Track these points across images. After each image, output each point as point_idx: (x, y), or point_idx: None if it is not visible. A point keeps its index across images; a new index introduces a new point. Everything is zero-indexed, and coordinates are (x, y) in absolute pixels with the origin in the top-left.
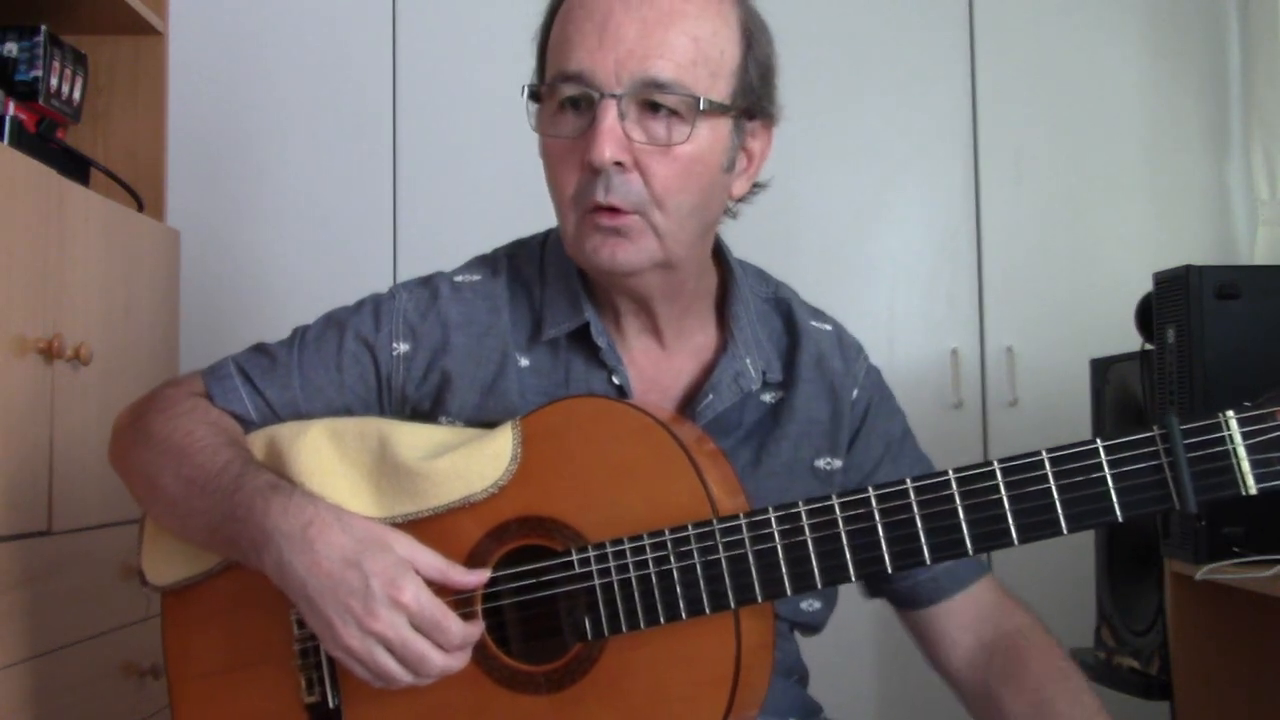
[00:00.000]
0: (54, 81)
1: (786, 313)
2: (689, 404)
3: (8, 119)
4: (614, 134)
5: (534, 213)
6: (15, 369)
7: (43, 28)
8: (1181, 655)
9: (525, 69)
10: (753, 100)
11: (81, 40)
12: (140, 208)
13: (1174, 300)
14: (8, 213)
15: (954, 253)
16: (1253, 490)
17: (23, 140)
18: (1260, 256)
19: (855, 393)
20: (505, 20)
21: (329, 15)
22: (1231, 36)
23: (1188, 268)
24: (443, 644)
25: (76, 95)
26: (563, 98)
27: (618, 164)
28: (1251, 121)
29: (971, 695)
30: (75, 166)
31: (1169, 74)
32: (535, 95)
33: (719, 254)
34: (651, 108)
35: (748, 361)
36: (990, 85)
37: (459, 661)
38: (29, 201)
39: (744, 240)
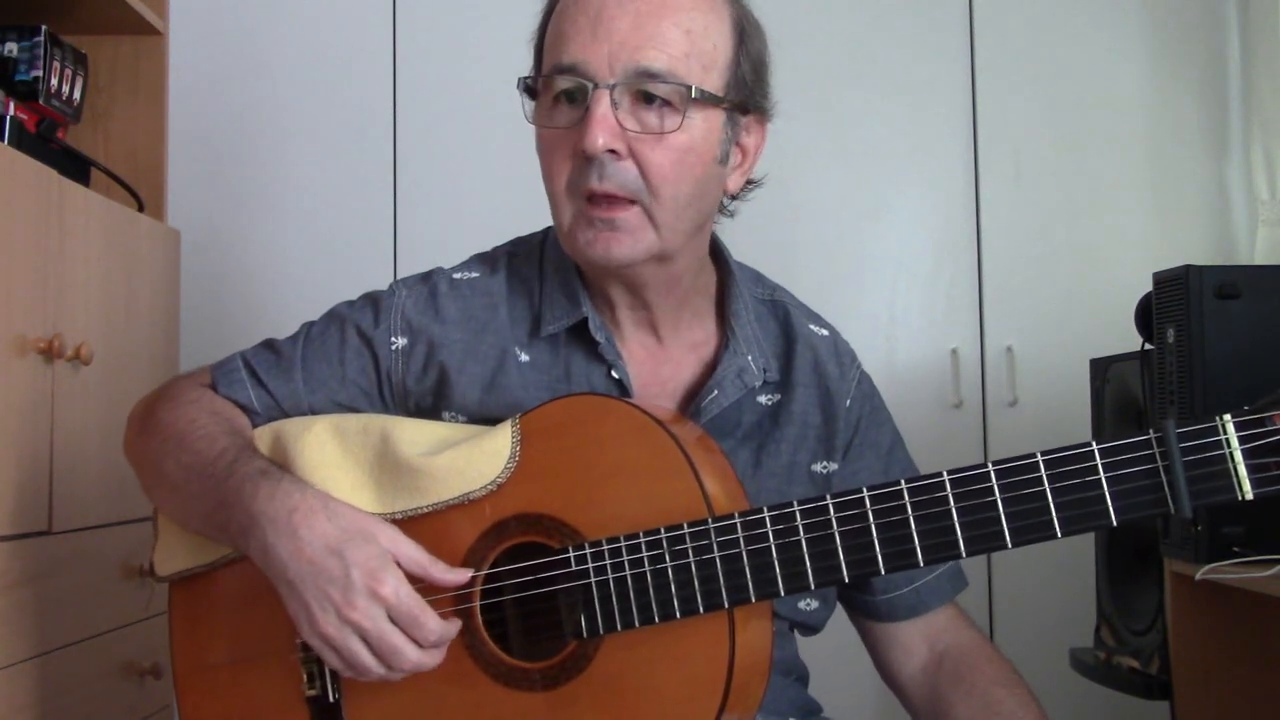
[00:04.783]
0: (54, 81)
1: (783, 316)
2: (691, 400)
3: (8, 119)
4: (606, 122)
5: (534, 212)
6: (15, 369)
7: (43, 28)
8: (1181, 655)
9: (525, 70)
10: (746, 95)
11: (81, 40)
12: (140, 208)
13: (1174, 300)
14: (8, 213)
15: (954, 253)
16: (1249, 495)
17: (23, 140)
18: (1260, 256)
19: (849, 401)
20: (505, 21)
21: (329, 15)
22: (1231, 36)
23: (1188, 268)
24: (418, 639)
25: (76, 95)
26: (557, 90)
27: (612, 152)
28: (1251, 121)
29: (920, 700)
30: (75, 166)
31: (1169, 74)
32: (530, 90)
33: (718, 254)
34: (645, 98)
35: (749, 359)
36: (990, 85)
37: (432, 658)
38: (29, 201)
39: (744, 240)
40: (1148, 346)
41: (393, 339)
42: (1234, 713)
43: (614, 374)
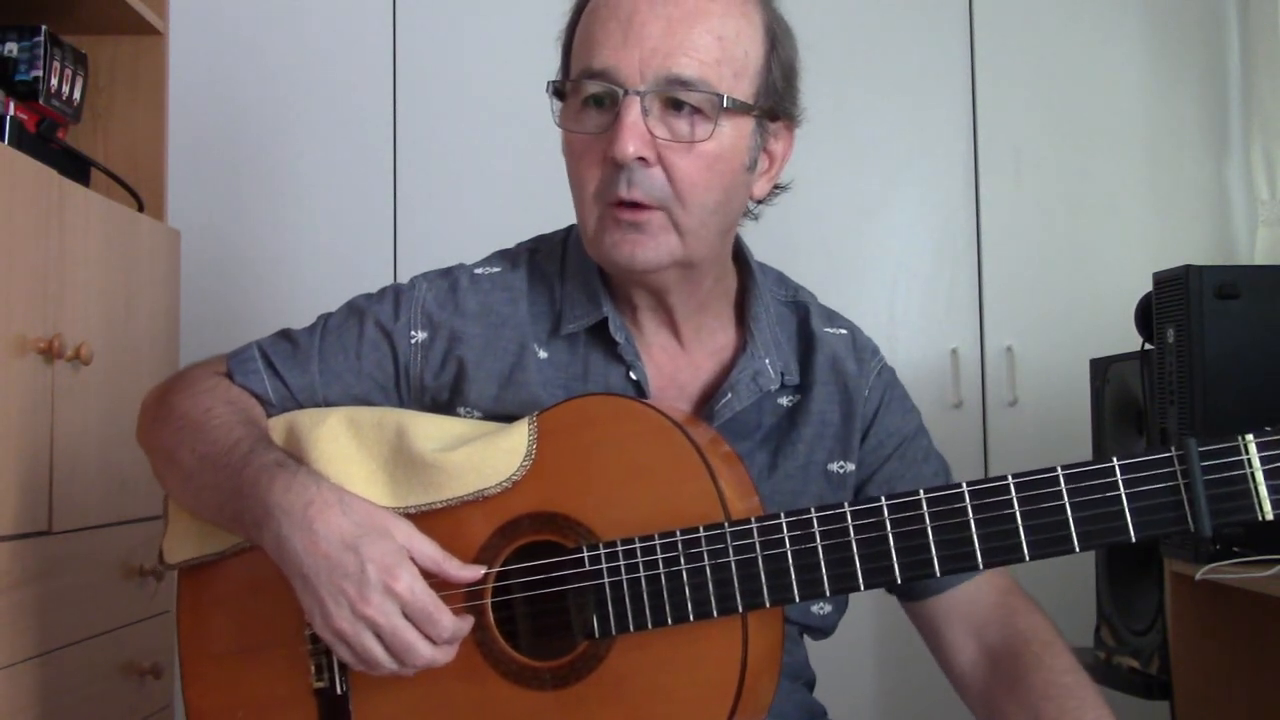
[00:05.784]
0: (54, 81)
1: (803, 317)
2: (706, 403)
3: (8, 119)
4: (637, 129)
5: (534, 212)
6: (15, 369)
7: (43, 28)
8: (1181, 655)
9: (525, 70)
10: (775, 101)
11: (81, 40)
12: (140, 208)
13: (1174, 300)
14: (8, 213)
15: (954, 253)
16: (1269, 516)
17: (23, 140)
18: (1260, 256)
19: (867, 391)
20: (505, 21)
21: (329, 15)
22: (1231, 36)
23: (1188, 268)
24: (432, 636)
25: (76, 95)
26: (587, 95)
27: (641, 159)
28: (1251, 121)
29: (977, 705)
30: (75, 166)
31: (1169, 74)
32: (559, 92)
33: (740, 256)
34: (675, 105)
35: (766, 362)
36: (990, 85)
37: (445, 655)
38: (29, 201)
39: (744, 240)
40: (1148, 346)
41: (412, 333)
42: (1234, 713)
43: (632, 375)
